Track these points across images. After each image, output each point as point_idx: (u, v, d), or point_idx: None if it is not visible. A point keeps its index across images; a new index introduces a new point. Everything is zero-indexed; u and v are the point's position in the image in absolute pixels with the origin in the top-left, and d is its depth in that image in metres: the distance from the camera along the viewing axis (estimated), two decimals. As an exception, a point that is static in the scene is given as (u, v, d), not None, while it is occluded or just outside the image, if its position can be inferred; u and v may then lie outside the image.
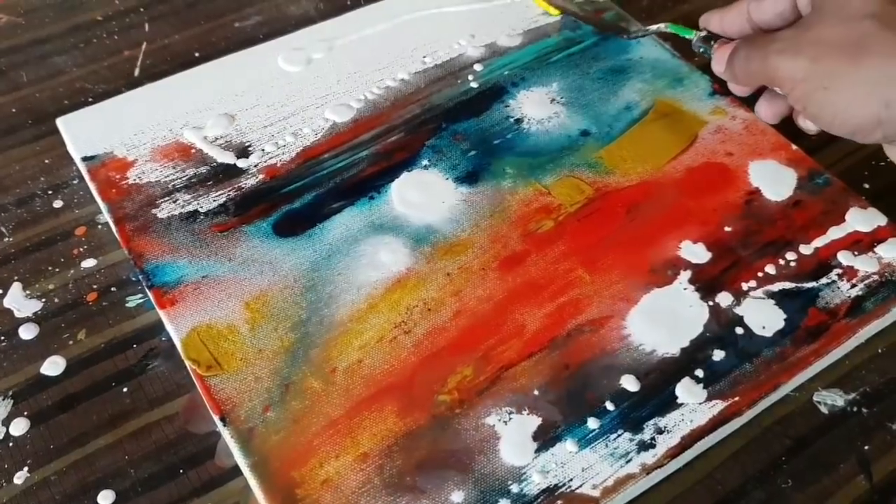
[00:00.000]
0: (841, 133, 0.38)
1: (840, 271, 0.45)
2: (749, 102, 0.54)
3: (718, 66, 0.43)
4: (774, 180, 0.50)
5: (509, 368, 0.41)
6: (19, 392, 0.42)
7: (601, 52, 0.57)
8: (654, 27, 0.49)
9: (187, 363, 0.41)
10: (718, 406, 0.40)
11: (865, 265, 0.46)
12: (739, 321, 0.43)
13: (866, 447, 0.41)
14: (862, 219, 0.48)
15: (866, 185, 0.52)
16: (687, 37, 0.46)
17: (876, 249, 0.46)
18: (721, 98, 0.54)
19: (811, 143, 0.53)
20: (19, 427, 0.41)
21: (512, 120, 0.53)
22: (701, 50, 0.45)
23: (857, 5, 0.36)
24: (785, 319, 0.43)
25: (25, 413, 0.41)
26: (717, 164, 0.51)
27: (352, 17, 0.60)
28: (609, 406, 0.40)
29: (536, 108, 0.54)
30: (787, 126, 0.52)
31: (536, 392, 0.40)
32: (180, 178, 0.49)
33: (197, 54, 0.60)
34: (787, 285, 0.45)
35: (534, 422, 0.39)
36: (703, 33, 0.45)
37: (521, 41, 0.58)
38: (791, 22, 0.41)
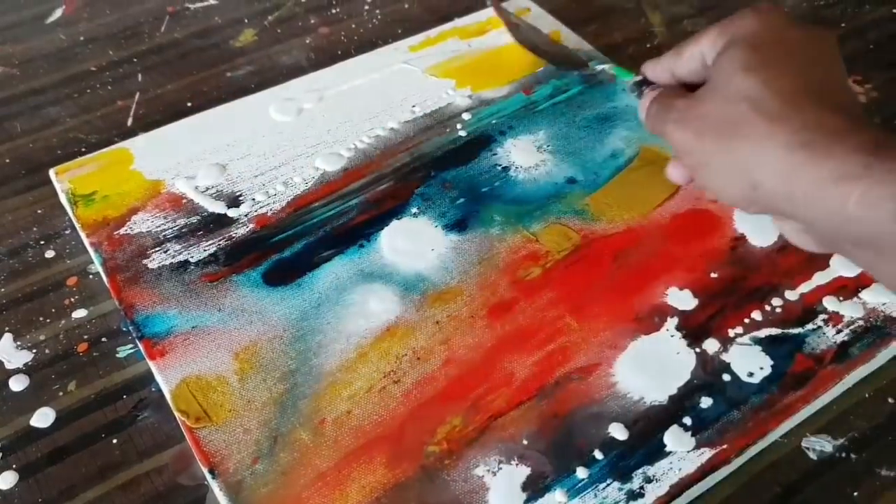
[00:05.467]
0: (725, 203, 0.40)
1: (826, 317, 0.46)
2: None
3: (640, 115, 0.43)
4: (759, 226, 0.50)
5: (498, 418, 0.41)
6: (8, 445, 0.42)
7: (587, 101, 0.58)
8: (599, 67, 0.51)
9: (177, 415, 0.41)
10: (707, 454, 0.40)
11: (851, 311, 0.46)
12: (727, 368, 0.43)
13: (855, 493, 0.41)
14: (846, 264, 0.48)
15: (850, 230, 0.52)
16: (626, 80, 0.46)
17: (860, 295, 0.47)
18: (706, 145, 0.55)
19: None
20: (7, 480, 0.41)
21: (500, 168, 0.54)
22: (634, 94, 0.45)
23: (736, 86, 0.36)
24: (772, 366, 0.44)
25: (14, 466, 0.41)
26: (703, 211, 0.51)
27: (342, 68, 0.61)
28: (598, 455, 0.40)
29: (523, 156, 0.54)
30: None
31: (525, 441, 0.40)
32: (171, 229, 0.50)
33: (189, 104, 0.60)
34: (774, 331, 0.45)
35: (523, 472, 0.39)
36: (639, 78, 0.45)
37: (509, 90, 0.59)
38: (703, 80, 0.40)
